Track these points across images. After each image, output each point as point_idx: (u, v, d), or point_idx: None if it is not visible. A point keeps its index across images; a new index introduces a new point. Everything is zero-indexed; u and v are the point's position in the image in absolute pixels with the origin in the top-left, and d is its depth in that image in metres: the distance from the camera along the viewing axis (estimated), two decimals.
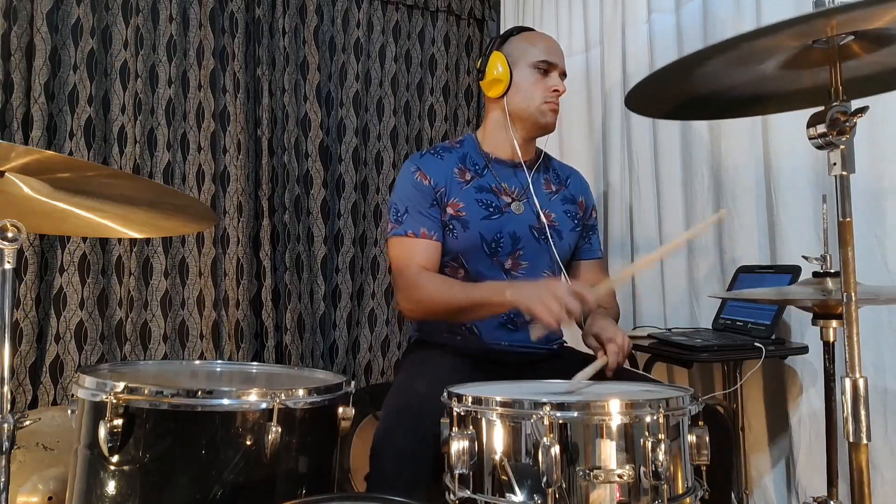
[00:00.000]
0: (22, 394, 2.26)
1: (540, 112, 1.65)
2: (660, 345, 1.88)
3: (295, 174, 2.72)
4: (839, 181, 0.97)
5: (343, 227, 2.83)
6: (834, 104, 0.97)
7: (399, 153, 2.95)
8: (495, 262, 1.64)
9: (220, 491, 1.07)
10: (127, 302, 2.42)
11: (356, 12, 2.88)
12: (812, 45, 0.98)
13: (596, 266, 1.80)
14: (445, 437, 1.07)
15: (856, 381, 0.93)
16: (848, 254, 0.96)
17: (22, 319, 2.26)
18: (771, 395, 1.95)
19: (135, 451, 1.08)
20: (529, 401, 1.02)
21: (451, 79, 3.09)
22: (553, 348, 1.71)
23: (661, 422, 1.00)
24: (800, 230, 1.83)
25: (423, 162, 1.67)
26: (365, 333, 2.86)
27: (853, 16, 0.88)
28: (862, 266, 1.25)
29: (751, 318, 1.86)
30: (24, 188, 1.14)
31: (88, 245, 2.36)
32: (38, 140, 2.27)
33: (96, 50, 2.40)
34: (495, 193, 1.66)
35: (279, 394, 1.10)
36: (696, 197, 2.15)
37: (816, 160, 1.78)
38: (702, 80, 1.08)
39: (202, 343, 2.54)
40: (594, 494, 0.98)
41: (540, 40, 1.70)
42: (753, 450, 1.96)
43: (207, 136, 2.56)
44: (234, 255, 2.57)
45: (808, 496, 1.70)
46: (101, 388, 1.10)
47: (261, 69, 2.66)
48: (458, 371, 1.45)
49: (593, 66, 2.59)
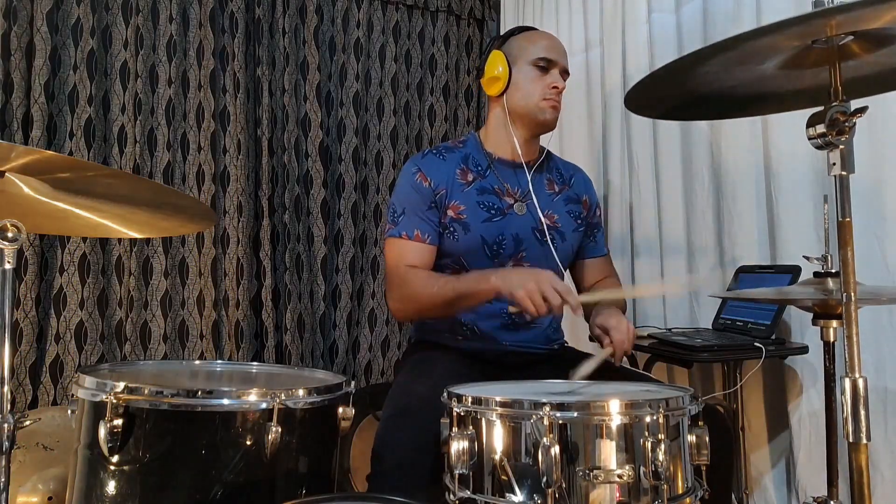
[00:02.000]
0: (22, 394, 2.26)
1: (539, 109, 1.64)
2: (660, 345, 1.88)
3: (295, 174, 2.72)
4: (839, 181, 0.97)
5: (343, 227, 2.83)
6: (833, 104, 0.97)
7: (399, 153, 2.95)
8: (496, 264, 1.63)
9: (220, 491, 1.07)
10: (127, 302, 2.42)
11: (356, 12, 2.88)
12: (812, 45, 0.98)
13: (602, 263, 1.80)
14: (445, 437, 1.07)
15: (856, 381, 0.93)
16: (848, 254, 0.96)
17: (22, 319, 2.26)
18: (771, 395, 1.95)
19: (135, 451, 1.08)
20: (529, 401, 1.02)
21: (451, 79, 3.09)
22: (553, 348, 1.71)
23: (660, 422, 1.00)
24: (800, 230, 1.83)
25: (425, 163, 1.66)
26: (365, 333, 2.86)
27: (853, 16, 0.88)
28: (862, 266, 1.25)
29: (751, 318, 1.86)
30: (24, 188, 1.14)
31: (88, 245, 2.36)
32: (38, 140, 2.27)
33: (96, 50, 2.41)
34: (497, 195, 1.65)
35: (279, 394, 1.10)
36: (696, 197, 2.15)
37: (816, 160, 1.78)
38: (702, 80, 1.08)
39: (202, 343, 2.54)
40: (594, 494, 0.98)
41: (540, 38, 1.69)
42: (753, 450, 1.96)
43: (207, 136, 2.56)
44: (234, 255, 2.57)
45: (808, 496, 1.71)
46: (101, 388, 1.10)
47: (261, 69, 2.66)
48: (458, 371, 1.45)
49: (593, 66, 2.59)
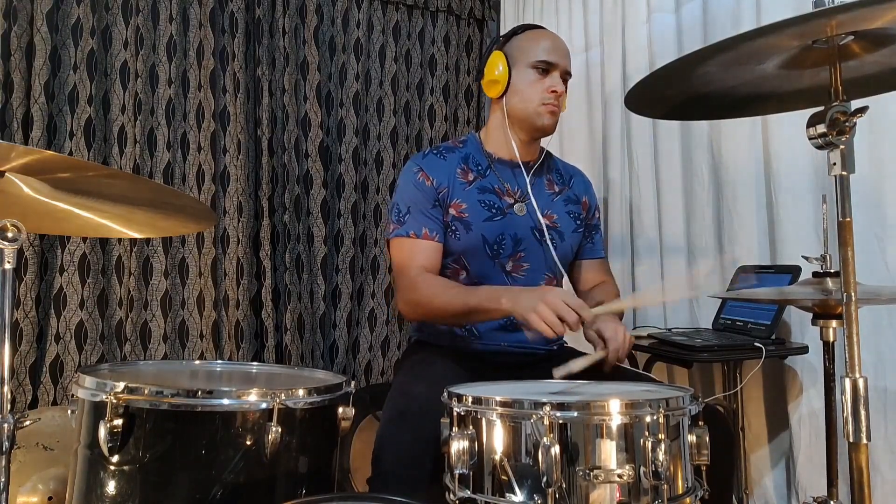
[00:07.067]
0: (22, 394, 2.26)
1: (536, 114, 1.62)
2: (660, 345, 1.88)
3: (295, 174, 2.72)
4: (839, 181, 0.97)
5: (343, 227, 2.83)
6: (834, 104, 0.97)
7: (399, 153, 2.95)
8: (497, 264, 1.64)
9: (220, 491, 1.07)
10: (127, 302, 2.42)
11: (356, 12, 2.88)
12: (812, 45, 0.98)
13: (598, 266, 1.80)
14: (445, 437, 1.07)
15: (856, 381, 0.93)
16: (848, 254, 0.96)
17: (22, 319, 2.26)
18: (771, 395, 1.95)
19: (135, 451, 1.08)
20: (529, 401, 1.01)
21: (451, 79, 3.09)
22: (553, 348, 1.71)
23: (661, 422, 1.00)
24: (800, 230, 1.83)
25: (426, 162, 1.66)
26: (365, 333, 2.86)
27: (853, 16, 0.88)
28: (862, 266, 1.25)
29: (751, 318, 1.86)
30: (24, 188, 1.14)
31: (88, 245, 2.36)
32: (38, 140, 2.27)
33: (96, 50, 2.40)
34: (497, 194, 1.65)
35: (279, 394, 1.10)
36: (696, 197, 2.15)
37: (816, 160, 1.78)
38: (702, 80, 1.08)
39: (202, 343, 2.54)
40: (594, 494, 0.98)
41: (542, 39, 1.66)
42: (753, 450, 1.96)
43: (207, 136, 2.56)
44: (234, 255, 2.57)
45: (808, 496, 1.71)
46: (101, 388, 1.10)
47: (261, 69, 2.66)
48: (457, 371, 1.45)
49: (593, 66, 2.59)
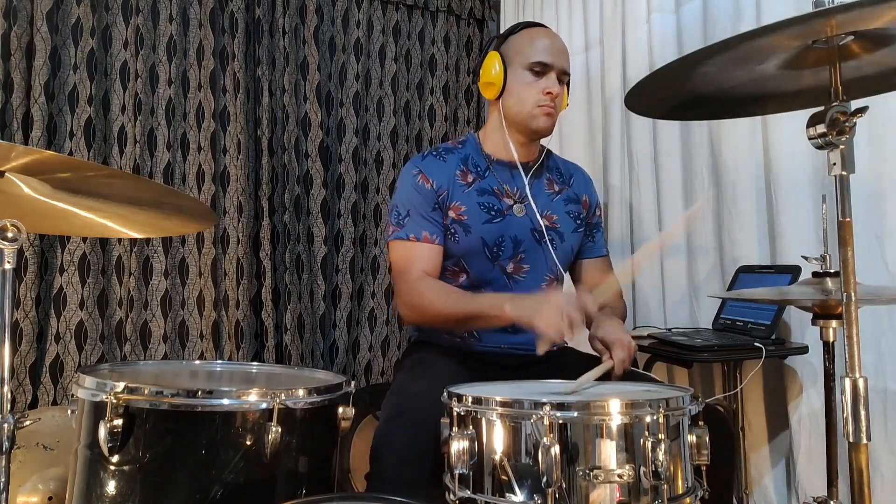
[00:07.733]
0: (22, 394, 2.26)
1: (532, 116, 1.60)
2: (660, 345, 1.88)
3: (295, 174, 2.72)
4: (839, 181, 0.97)
5: (343, 227, 2.83)
6: (834, 104, 0.97)
7: (399, 153, 2.95)
8: (497, 266, 1.63)
9: (220, 491, 1.07)
10: (127, 302, 2.42)
11: (356, 12, 2.88)
12: (812, 45, 0.98)
13: (601, 264, 1.79)
14: (445, 437, 1.07)
15: (856, 381, 0.93)
16: (848, 254, 0.96)
17: (22, 319, 2.26)
18: (771, 395, 1.95)
19: (135, 451, 1.08)
20: (529, 401, 1.02)
21: (451, 79, 3.09)
22: (553, 349, 1.70)
23: (661, 422, 1.00)
24: (800, 230, 1.83)
25: (425, 164, 1.65)
26: (365, 333, 2.86)
27: (853, 16, 0.88)
28: (862, 266, 1.25)
29: (751, 318, 1.86)
30: (24, 188, 1.14)
31: (88, 245, 2.36)
32: (38, 140, 2.27)
33: (96, 50, 2.40)
34: (497, 196, 1.65)
35: (279, 394, 1.10)
36: (696, 197, 2.15)
37: (816, 160, 1.78)
38: (702, 80, 1.08)
39: (202, 343, 2.53)
40: (594, 494, 0.98)
41: (538, 39, 1.63)
42: (753, 450, 1.96)
43: (207, 136, 2.56)
44: (234, 255, 2.57)
45: (808, 496, 1.71)
46: (101, 388, 1.10)
47: (261, 69, 2.66)
48: (457, 372, 1.45)
49: (593, 66, 2.59)
